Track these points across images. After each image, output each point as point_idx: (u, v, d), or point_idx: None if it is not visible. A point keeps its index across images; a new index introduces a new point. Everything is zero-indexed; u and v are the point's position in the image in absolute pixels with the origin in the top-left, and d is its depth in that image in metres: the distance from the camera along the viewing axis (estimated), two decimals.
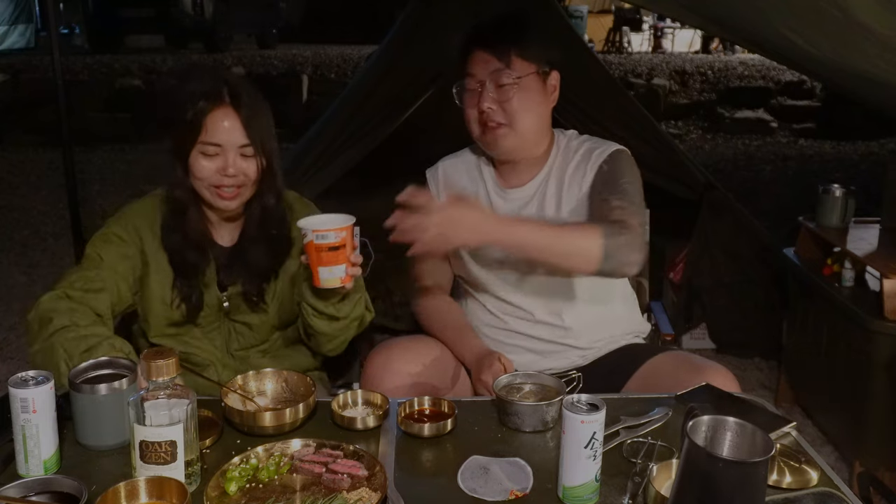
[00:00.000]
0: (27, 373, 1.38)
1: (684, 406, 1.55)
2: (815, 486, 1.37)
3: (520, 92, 1.93)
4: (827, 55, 2.29)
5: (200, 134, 1.75)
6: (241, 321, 1.92)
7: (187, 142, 1.76)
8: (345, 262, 1.67)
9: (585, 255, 1.77)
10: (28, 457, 1.36)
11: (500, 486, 1.37)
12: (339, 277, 1.68)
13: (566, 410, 1.31)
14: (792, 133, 9.41)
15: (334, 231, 1.65)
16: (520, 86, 1.92)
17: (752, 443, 1.14)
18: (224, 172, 1.76)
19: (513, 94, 1.92)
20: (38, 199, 6.60)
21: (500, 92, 1.93)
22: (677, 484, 1.14)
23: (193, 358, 1.90)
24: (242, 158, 1.78)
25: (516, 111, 1.93)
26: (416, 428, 1.54)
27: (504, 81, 1.92)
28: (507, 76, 1.91)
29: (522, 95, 1.93)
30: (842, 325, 2.87)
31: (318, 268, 1.67)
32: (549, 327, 2.01)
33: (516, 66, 1.92)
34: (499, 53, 1.92)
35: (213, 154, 1.76)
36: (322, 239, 1.65)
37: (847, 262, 2.96)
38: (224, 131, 1.76)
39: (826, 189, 3.21)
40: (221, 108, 1.76)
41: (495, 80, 1.92)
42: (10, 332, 4.07)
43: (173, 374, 1.32)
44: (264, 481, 1.36)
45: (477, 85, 1.95)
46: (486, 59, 1.93)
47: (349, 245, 1.68)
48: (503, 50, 1.92)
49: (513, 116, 1.93)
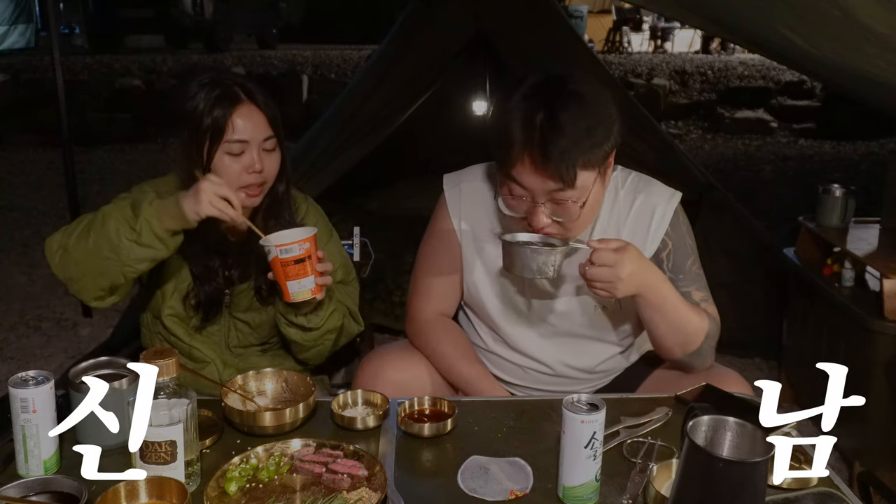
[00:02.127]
0: (27, 373, 1.38)
1: (684, 406, 1.55)
2: (815, 486, 1.37)
3: (585, 206, 1.65)
4: (827, 55, 2.29)
5: (225, 133, 1.75)
6: (242, 319, 1.92)
7: (212, 146, 1.75)
8: (312, 274, 1.69)
9: (689, 338, 1.72)
10: (28, 457, 1.36)
11: (500, 486, 1.37)
12: (309, 289, 1.69)
13: (566, 410, 1.30)
14: (792, 133, 9.42)
15: (297, 243, 1.66)
16: (586, 201, 1.64)
17: (752, 443, 1.14)
18: (251, 169, 1.76)
19: (576, 212, 1.64)
20: (38, 199, 6.60)
21: (563, 210, 1.63)
22: (677, 484, 1.14)
23: (195, 353, 1.90)
24: (266, 154, 1.79)
25: (580, 223, 1.68)
26: (416, 428, 1.54)
27: (563, 200, 1.62)
28: (567, 196, 1.61)
29: (584, 208, 1.64)
30: (842, 326, 2.86)
31: (286, 282, 1.68)
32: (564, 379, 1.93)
33: (581, 183, 1.60)
34: (559, 173, 1.57)
35: (239, 153, 1.76)
36: (286, 253, 1.66)
37: (847, 262, 2.95)
38: (249, 127, 1.76)
39: (826, 189, 3.20)
40: (243, 106, 1.76)
41: (553, 198, 1.63)
42: (10, 332, 4.07)
43: (173, 375, 1.32)
44: (264, 481, 1.36)
45: (525, 194, 1.64)
46: (541, 175, 1.59)
47: (314, 256, 1.69)
48: (566, 169, 1.57)
49: (573, 228, 1.68)
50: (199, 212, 1.63)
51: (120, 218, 1.65)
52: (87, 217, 1.72)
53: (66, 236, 1.71)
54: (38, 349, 3.89)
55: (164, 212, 1.65)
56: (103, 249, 1.65)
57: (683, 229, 1.84)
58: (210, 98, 1.75)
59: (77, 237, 1.68)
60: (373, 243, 2.10)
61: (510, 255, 1.62)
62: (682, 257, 1.82)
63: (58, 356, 3.79)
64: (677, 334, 1.72)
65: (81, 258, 1.67)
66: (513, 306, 1.88)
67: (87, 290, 1.72)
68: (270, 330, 1.95)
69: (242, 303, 1.91)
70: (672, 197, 1.84)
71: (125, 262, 1.65)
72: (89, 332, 4.05)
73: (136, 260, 1.66)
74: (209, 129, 1.74)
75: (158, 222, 1.64)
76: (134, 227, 1.64)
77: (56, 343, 3.96)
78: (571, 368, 1.91)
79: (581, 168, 1.59)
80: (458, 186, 1.91)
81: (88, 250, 1.66)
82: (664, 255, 1.81)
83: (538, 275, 1.60)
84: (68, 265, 1.70)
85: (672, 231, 1.82)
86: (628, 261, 1.58)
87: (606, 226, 1.82)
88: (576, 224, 1.68)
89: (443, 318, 1.96)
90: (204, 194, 1.62)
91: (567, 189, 1.60)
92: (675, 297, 1.69)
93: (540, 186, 1.61)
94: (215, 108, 1.74)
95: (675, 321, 1.70)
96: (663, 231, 1.81)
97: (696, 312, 1.74)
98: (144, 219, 1.63)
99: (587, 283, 1.62)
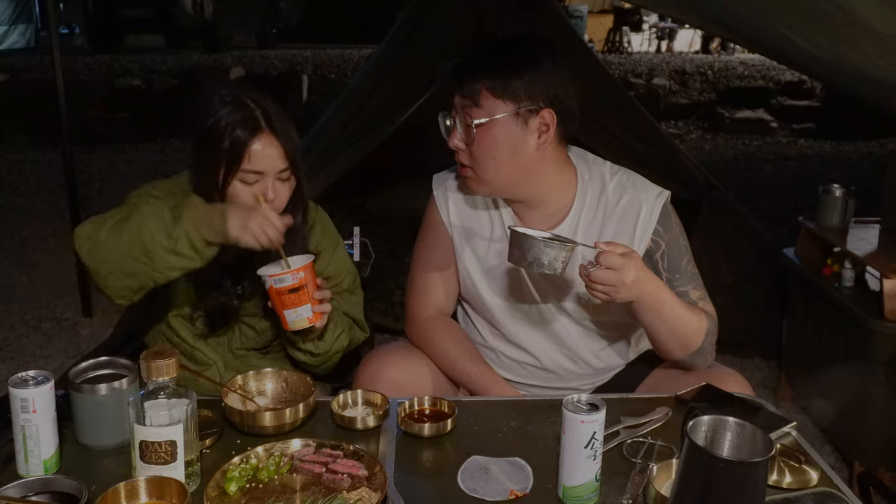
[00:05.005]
0: (27, 373, 1.38)
1: (684, 406, 1.55)
2: (815, 486, 1.37)
3: (485, 135, 1.71)
4: (827, 54, 2.29)
5: (241, 163, 1.72)
6: (249, 323, 1.92)
7: (228, 172, 1.73)
8: (308, 302, 1.68)
9: (690, 339, 1.74)
10: (28, 457, 1.36)
11: (500, 486, 1.37)
12: (307, 318, 1.69)
13: (566, 410, 1.30)
14: (792, 133, 9.41)
15: (290, 273, 1.66)
16: (485, 127, 1.70)
17: (752, 443, 1.14)
18: (265, 198, 1.74)
19: (476, 137, 1.71)
20: (39, 199, 6.59)
21: (467, 132, 1.73)
22: (677, 484, 1.14)
23: (197, 355, 1.89)
24: (280, 182, 1.76)
25: (479, 156, 1.73)
26: (416, 428, 1.53)
27: (467, 122, 1.71)
28: (470, 116, 1.71)
29: (487, 138, 1.71)
30: (842, 326, 2.86)
31: (283, 311, 1.68)
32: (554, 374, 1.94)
33: (486, 105, 1.70)
34: (466, 89, 1.71)
35: (253, 182, 1.74)
36: (280, 283, 1.66)
37: (847, 262, 2.95)
38: (266, 159, 1.73)
39: (826, 189, 3.20)
40: (262, 136, 1.73)
41: (463, 118, 1.73)
42: (9, 332, 4.06)
43: (173, 375, 1.32)
44: (264, 481, 1.36)
45: (452, 118, 1.77)
46: (458, 93, 1.73)
47: (311, 284, 1.68)
48: (471, 85, 1.70)
49: (476, 161, 1.74)
50: (242, 237, 1.61)
51: (158, 223, 1.61)
52: (121, 211, 1.68)
53: (97, 228, 1.64)
54: (38, 349, 3.87)
55: (204, 222, 1.62)
56: (135, 252, 1.60)
57: (676, 230, 1.84)
58: (231, 120, 1.71)
59: (108, 233, 1.63)
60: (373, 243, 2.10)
61: (521, 246, 1.58)
62: (677, 257, 1.82)
63: (58, 356, 3.78)
64: (678, 337, 1.73)
65: (111, 256, 1.62)
66: (507, 299, 1.89)
67: (112, 288, 1.67)
68: (275, 335, 1.95)
69: (250, 308, 1.90)
70: (660, 195, 1.83)
71: (157, 269, 1.62)
72: (89, 331, 4.04)
73: (169, 268, 1.63)
74: (225, 155, 1.71)
75: (197, 232, 1.61)
76: (171, 234, 1.60)
77: (56, 343, 3.95)
78: (568, 360, 1.91)
79: (486, 89, 1.69)
80: (445, 183, 1.95)
81: (119, 250, 1.61)
82: (658, 256, 1.81)
83: (548, 269, 1.57)
84: (96, 259, 1.64)
85: (664, 231, 1.81)
86: (633, 267, 1.58)
87: (592, 219, 1.82)
88: (480, 163, 1.73)
89: (443, 316, 1.96)
90: (255, 223, 1.61)
91: (472, 107, 1.70)
92: (672, 300, 1.69)
93: (457, 103, 1.73)
94: (235, 131, 1.70)
95: (675, 325, 1.71)
96: (650, 229, 1.80)
97: (695, 313, 1.74)
98: (184, 228, 1.60)
99: (587, 285, 1.61)
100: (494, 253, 1.88)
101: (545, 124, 1.72)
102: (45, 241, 5.52)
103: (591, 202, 1.83)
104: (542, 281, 1.84)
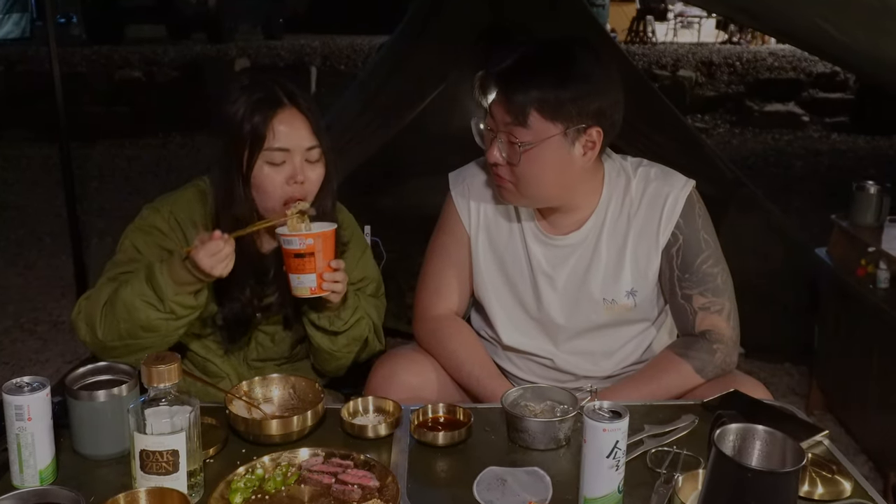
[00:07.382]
0: (22, 378, 1.36)
1: (711, 414, 1.51)
2: (849, 497, 1.35)
3: (532, 156, 1.67)
4: (862, 45, 2.26)
5: (266, 140, 1.69)
6: (266, 331, 1.89)
7: (252, 153, 1.69)
8: (313, 272, 1.64)
9: (685, 388, 1.77)
10: (23, 467, 1.34)
11: (517, 497, 1.35)
12: (308, 287, 1.65)
13: (587, 418, 1.28)
14: (824, 127, 9.35)
15: (298, 237, 1.63)
16: (533, 150, 1.66)
17: (782, 452, 1.13)
18: (293, 180, 1.70)
19: (522, 158, 1.67)
20: (35, 197, 6.52)
21: (511, 150, 1.68)
22: (704, 495, 1.13)
23: (210, 367, 1.86)
24: (308, 165, 1.73)
25: (523, 176, 1.69)
26: (429, 436, 1.51)
27: (511, 140, 1.67)
28: (517, 136, 1.66)
29: (534, 160, 1.67)
30: (876, 329, 2.82)
31: (288, 274, 1.66)
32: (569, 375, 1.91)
33: (534, 127, 1.65)
34: (513, 106, 1.65)
35: (280, 162, 1.70)
36: (288, 244, 1.64)
37: (882, 262, 2.91)
38: (291, 134, 1.70)
39: (860, 186, 3.18)
40: (285, 111, 1.70)
41: (507, 135, 1.68)
42: (4, 336, 4.03)
43: (175, 381, 1.30)
44: (271, 492, 1.35)
45: (492, 124, 1.72)
46: (500, 105, 1.68)
47: (320, 254, 1.64)
48: (520, 103, 1.64)
49: (519, 180, 1.71)
50: (220, 270, 1.59)
51: (143, 304, 1.60)
52: (102, 297, 1.66)
53: (91, 326, 1.66)
54: (34, 353, 3.84)
55: (178, 279, 1.60)
56: (139, 333, 1.63)
57: (699, 223, 1.80)
58: (250, 102, 1.69)
59: (105, 327, 1.64)
60: (383, 243, 2.07)
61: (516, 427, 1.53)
62: (692, 254, 1.78)
63: (54, 361, 3.74)
64: (673, 393, 1.76)
65: (119, 344, 1.65)
66: (523, 301, 1.88)
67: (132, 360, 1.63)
68: (291, 345, 1.91)
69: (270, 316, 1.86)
70: (685, 185, 1.81)
71: (169, 332, 1.65)
72: None
73: (177, 329, 1.65)
74: (249, 136, 1.68)
75: (183, 292, 1.60)
76: (161, 309, 1.60)
77: (52, 347, 3.91)
78: (583, 360, 1.89)
79: (536, 110, 1.64)
80: (464, 182, 1.93)
81: (126, 337, 1.64)
82: (674, 251, 1.79)
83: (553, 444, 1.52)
84: (111, 356, 1.64)
85: (685, 224, 1.79)
86: None
87: (619, 213, 1.81)
88: (524, 182, 1.70)
89: (454, 316, 1.94)
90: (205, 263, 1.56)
91: (518, 126, 1.65)
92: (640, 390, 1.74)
93: (499, 118, 1.68)
94: (255, 112, 1.68)
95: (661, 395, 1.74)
96: (675, 220, 1.78)
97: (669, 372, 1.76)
98: (169, 298, 1.59)
99: None
100: (512, 254, 1.87)
101: (591, 141, 1.70)
102: (41, 241, 5.50)
103: (616, 200, 1.82)
104: (558, 284, 1.84)
